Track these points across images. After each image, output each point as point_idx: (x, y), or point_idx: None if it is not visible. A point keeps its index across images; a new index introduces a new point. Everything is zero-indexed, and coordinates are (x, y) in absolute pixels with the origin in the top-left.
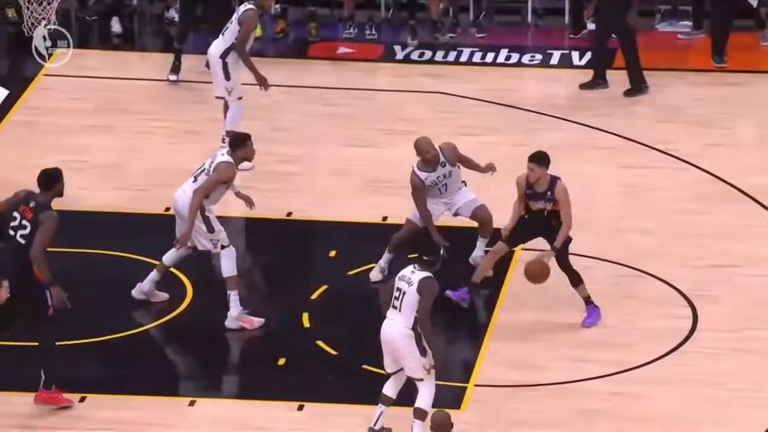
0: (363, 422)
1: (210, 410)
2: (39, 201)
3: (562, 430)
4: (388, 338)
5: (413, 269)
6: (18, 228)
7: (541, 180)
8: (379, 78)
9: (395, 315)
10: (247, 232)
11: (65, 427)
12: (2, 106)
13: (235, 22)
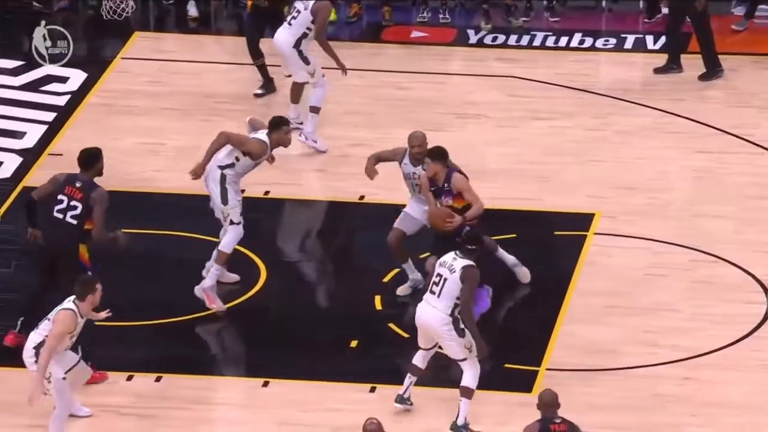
0: (433, 404)
1: (283, 391)
2: (84, 180)
3: (635, 414)
4: (424, 323)
5: (455, 256)
6: (67, 209)
7: (439, 174)
8: (452, 62)
9: (433, 300)
10: (321, 215)
11: (144, 405)
12: (80, 89)
13: (305, 12)
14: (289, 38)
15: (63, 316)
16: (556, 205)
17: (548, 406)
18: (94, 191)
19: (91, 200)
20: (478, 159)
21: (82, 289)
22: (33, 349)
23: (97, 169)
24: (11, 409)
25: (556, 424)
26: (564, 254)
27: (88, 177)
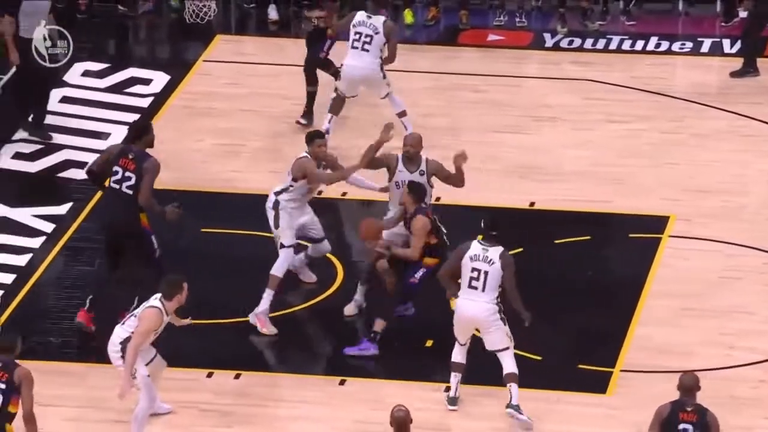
0: (504, 404)
1: (359, 389)
2: (136, 151)
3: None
4: (471, 318)
5: (484, 247)
6: (122, 180)
7: (408, 207)
8: (528, 65)
9: (477, 295)
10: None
11: (224, 402)
12: (163, 90)
13: (377, 36)
14: (374, 64)
15: (149, 314)
16: (630, 208)
17: (685, 390)
18: (146, 161)
19: (143, 170)
20: (554, 161)
21: (170, 289)
22: (119, 344)
23: (147, 141)
24: (97, 405)
25: (687, 411)
26: (638, 257)
27: (141, 147)
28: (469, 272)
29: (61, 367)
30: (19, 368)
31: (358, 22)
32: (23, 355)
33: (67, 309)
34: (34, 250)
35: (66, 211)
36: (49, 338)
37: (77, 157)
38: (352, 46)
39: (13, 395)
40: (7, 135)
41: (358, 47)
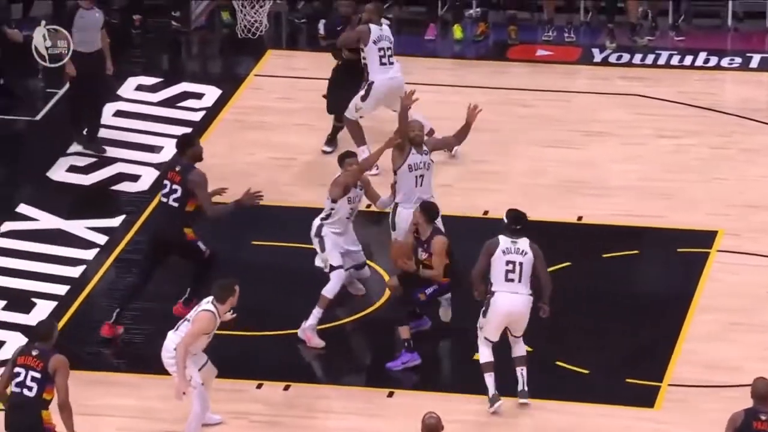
0: (553, 417)
1: (407, 401)
2: (182, 164)
3: None
4: (511, 312)
5: (512, 239)
6: (170, 193)
7: (422, 228)
8: (577, 80)
9: (515, 287)
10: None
11: (273, 413)
12: (215, 105)
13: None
14: (401, 72)
15: (203, 317)
16: (679, 222)
17: (759, 398)
18: (190, 173)
19: (189, 182)
20: (603, 176)
21: (222, 292)
22: (174, 350)
23: (192, 153)
24: (149, 415)
25: (761, 420)
26: (686, 271)
27: (187, 160)
28: (504, 266)
29: (113, 378)
30: (54, 357)
31: (378, 37)
32: (77, 365)
33: (119, 321)
34: (87, 261)
35: (119, 223)
36: (102, 349)
37: (130, 170)
38: (381, 63)
39: (48, 383)
40: (62, 148)
41: (386, 63)
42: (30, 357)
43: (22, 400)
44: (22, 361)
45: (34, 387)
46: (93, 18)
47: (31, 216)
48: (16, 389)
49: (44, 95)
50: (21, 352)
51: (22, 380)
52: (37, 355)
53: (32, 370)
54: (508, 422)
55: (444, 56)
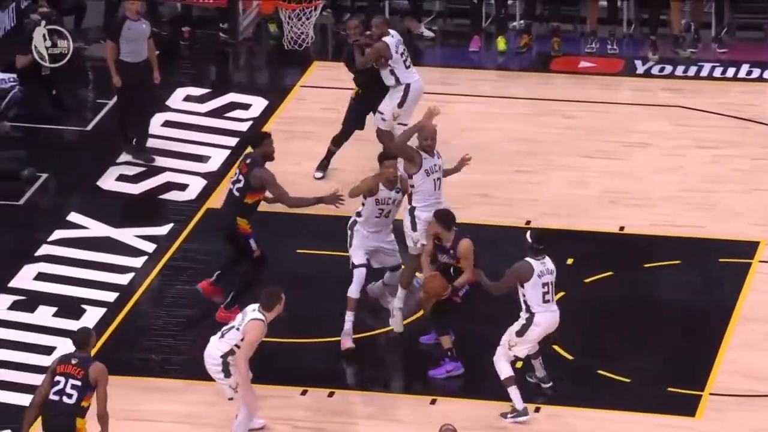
0: (595, 426)
1: (450, 409)
2: (253, 158)
3: None
4: (554, 327)
5: (541, 261)
6: (236, 182)
7: (444, 235)
8: (620, 92)
9: (553, 306)
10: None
11: (317, 419)
12: (261, 115)
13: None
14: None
15: (255, 326)
16: (720, 233)
17: None
18: (256, 169)
19: (252, 177)
20: (644, 186)
21: (269, 300)
22: (220, 357)
23: (263, 152)
24: (195, 420)
25: None
26: (728, 281)
27: (256, 155)
28: (542, 288)
29: (160, 383)
30: (94, 365)
31: (396, 46)
32: (125, 371)
33: (167, 327)
34: (136, 269)
35: (167, 231)
36: (150, 355)
37: (178, 180)
38: (407, 66)
39: (87, 391)
40: (111, 158)
41: (410, 65)
42: (70, 365)
43: (60, 408)
44: (62, 369)
45: (74, 395)
46: (140, 29)
47: (82, 224)
48: (54, 397)
49: (94, 106)
50: (60, 361)
51: (62, 388)
52: (77, 364)
53: (72, 378)
54: (550, 430)
55: (488, 68)
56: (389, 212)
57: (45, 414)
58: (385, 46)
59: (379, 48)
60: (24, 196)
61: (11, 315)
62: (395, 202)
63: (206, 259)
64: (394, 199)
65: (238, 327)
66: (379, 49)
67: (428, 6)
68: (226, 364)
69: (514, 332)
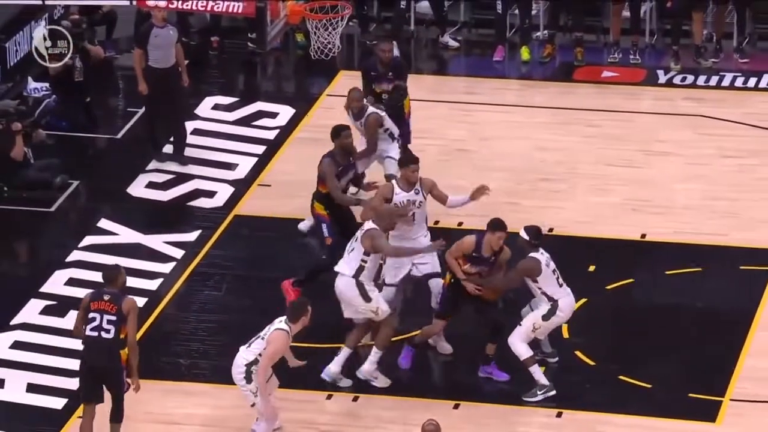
0: (617, 430)
1: (473, 413)
2: (329, 151)
3: None
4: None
5: (541, 252)
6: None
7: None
8: (642, 101)
9: (568, 288)
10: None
11: (342, 423)
12: (288, 123)
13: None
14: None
15: (277, 337)
16: (742, 241)
17: None
18: (322, 163)
19: (319, 169)
20: (666, 195)
21: (295, 312)
22: (244, 366)
23: (340, 143)
24: (220, 424)
25: None
26: (749, 288)
27: (335, 148)
28: (552, 274)
29: (188, 387)
30: (126, 299)
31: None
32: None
33: (196, 332)
34: (164, 275)
35: (195, 238)
36: (178, 359)
37: (206, 187)
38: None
39: (122, 324)
40: (141, 165)
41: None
42: (103, 302)
43: (101, 343)
44: (96, 306)
45: (111, 329)
46: (167, 35)
47: (112, 230)
48: (92, 333)
49: (124, 114)
50: (93, 298)
51: (99, 324)
52: (110, 299)
53: (107, 313)
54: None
55: (511, 77)
56: (413, 215)
57: (87, 350)
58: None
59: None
60: (56, 203)
61: (43, 319)
62: (417, 206)
63: (233, 266)
64: (415, 202)
65: (263, 336)
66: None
67: (453, 16)
68: (249, 373)
69: (540, 316)
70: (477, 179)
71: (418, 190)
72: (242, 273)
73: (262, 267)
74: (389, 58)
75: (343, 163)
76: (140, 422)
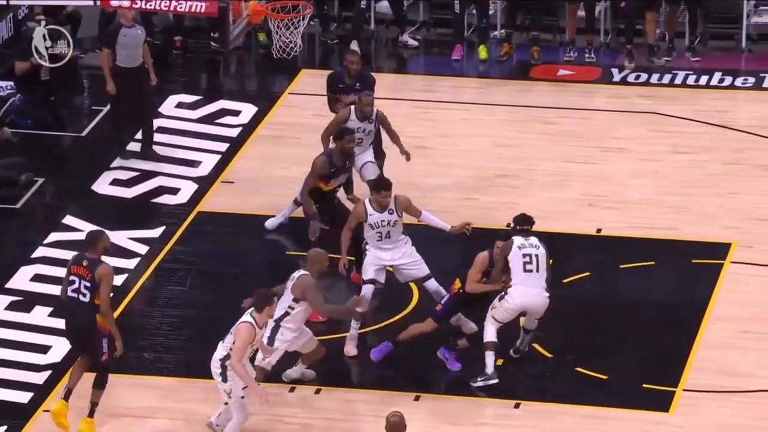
0: (574, 421)
1: (433, 405)
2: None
3: None
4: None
5: (525, 236)
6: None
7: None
8: (597, 98)
9: (533, 278)
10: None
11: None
12: (251, 121)
13: None
14: None
15: (242, 329)
16: (694, 235)
17: None
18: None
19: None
20: (620, 190)
21: (260, 301)
22: (219, 360)
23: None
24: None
25: None
26: (701, 282)
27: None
28: (522, 258)
29: (154, 381)
30: (100, 267)
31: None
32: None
33: (160, 327)
34: (129, 270)
35: (159, 234)
36: (143, 354)
37: (170, 184)
38: None
39: (96, 291)
40: (106, 163)
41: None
42: (81, 267)
43: (78, 306)
44: (76, 270)
45: (87, 294)
46: (135, 35)
47: (77, 227)
48: (72, 294)
49: (89, 112)
50: (74, 261)
51: (77, 287)
52: (87, 266)
53: (83, 279)
54: (531, 426)
55: (470, 75)
56: (388, 233)
57: (67, 311)
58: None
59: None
60: (21, 201)
61: (8, 315)
62: (389, 223)
63: (197, 261)
64: (388, 221)
65: (232, 331)
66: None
67: (412, 16)
68: (225, 368)
69: (498, 297)
70: (436, 176)
71: (392, 210)
72: (206, 268)
73: (225, 263)
74: (357, 70)
75: (338, 165)
76: (105, 415)
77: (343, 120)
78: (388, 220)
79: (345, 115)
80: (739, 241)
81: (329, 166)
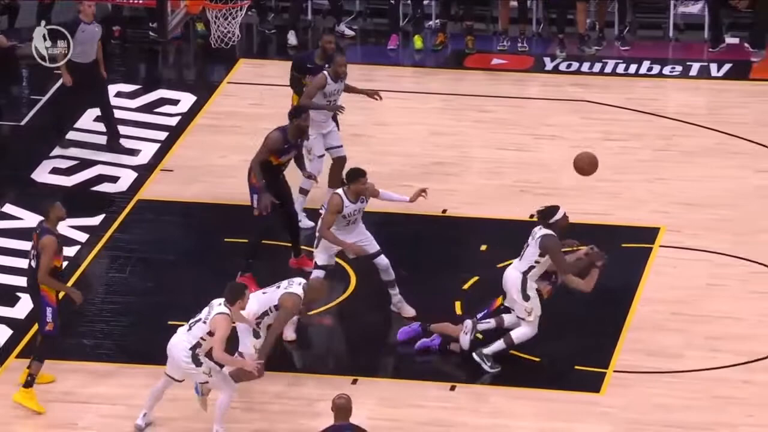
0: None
1: (370, 388)
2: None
3: (696, 414)
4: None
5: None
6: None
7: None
8: (530, 87)
9: (515, 262)
10: (407, 227)
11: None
12: (190, 110)
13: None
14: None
15: (221, 321)
16: (624, 220)
17: None
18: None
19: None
20: (553, 177)
21: (233, 295)
22: (189, 350)
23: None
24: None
25: None
26: (631, 265)
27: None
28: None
29: (95, 367)
30: (44, 237)
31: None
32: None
33: (100, 313)
34: (69, 258)
35: (99, 222)
36: (83, 340)
37: (110, 172)
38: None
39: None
40: (45, 152)
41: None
42: (35, 234)
43: (30, 271)
44: (32, 238)
45: (35, 261)
46: (92, 32)
47: (16, 215)
48: (28, 260)
49: (29, 101)
50: (34, 230)
51: (32, 255)
52: (38, 234)
53: (35, 247)
54: (467, 407)
55: (405, 65)
56: (356, 220)
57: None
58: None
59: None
60: None
61: None
62: (357, 211)
63: (137, 249)
64: (357, 209)
65: (205, 320)
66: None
67: (349, 6)
68: (196, 356)
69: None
70: (374, 164)
71: (363, 198)
72: (146, 256)
73: (164, 250)
74: (333, 49)
75: (291, 142)
76: (46, 402)
77: (322, 85)
78: (359, 208)
79: (322, 80)
80: (668, 226)
81: (283, 142)
